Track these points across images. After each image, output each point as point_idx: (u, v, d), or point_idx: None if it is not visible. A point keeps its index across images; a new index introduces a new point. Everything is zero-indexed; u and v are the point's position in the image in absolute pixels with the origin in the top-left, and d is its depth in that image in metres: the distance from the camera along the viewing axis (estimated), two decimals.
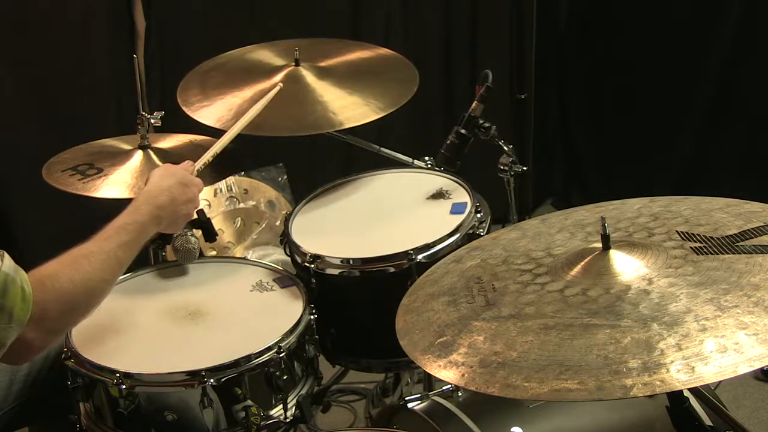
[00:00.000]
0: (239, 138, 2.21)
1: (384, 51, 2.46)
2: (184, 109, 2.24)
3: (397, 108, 2.21)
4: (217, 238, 2.11)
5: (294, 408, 1.84)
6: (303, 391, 1.88)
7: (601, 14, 3.61)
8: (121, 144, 2.20)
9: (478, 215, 2.04)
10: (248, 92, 2.24)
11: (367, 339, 2.05)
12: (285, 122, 2.17)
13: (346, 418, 2.72)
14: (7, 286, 1.41)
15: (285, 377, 1.80)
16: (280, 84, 2.17)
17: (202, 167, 1.95)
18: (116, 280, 1.66)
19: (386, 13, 3.43)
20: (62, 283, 1.52)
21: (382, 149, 2.38)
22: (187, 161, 1.91)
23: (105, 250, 1.61)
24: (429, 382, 2.28)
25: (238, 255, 2.56)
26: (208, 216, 2.00)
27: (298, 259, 2.03)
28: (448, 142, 2.22)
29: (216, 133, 2.19)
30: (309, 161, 3.38)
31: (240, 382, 1.74)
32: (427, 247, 1.94)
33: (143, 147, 2.14)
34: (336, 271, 1.97)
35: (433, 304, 1.37)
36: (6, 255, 1.44)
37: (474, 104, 2.20)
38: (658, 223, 1.40)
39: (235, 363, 1.74)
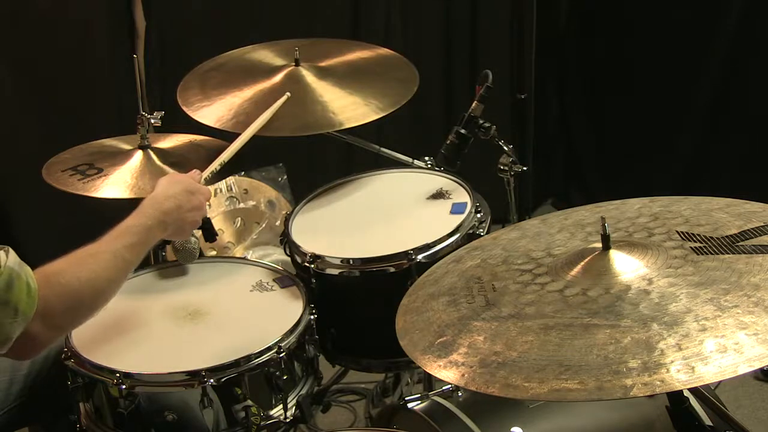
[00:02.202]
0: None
1: (384, 51, 2.46)
2: (184, 109, 2.24)
3: (397, 108, 2.21)
4: (217, 238, 2.11)
5: (294, 408, 1.84)
6: (303, 391, 1.88)
7: (601, 14, 3.61)
8: (121, 144, 2.20)
9: (478, 215, 2.04)
10: (248, 92, 2.24)
11: (367, 339, 2.05)
12: (285, 122, 2.17)
13: (346, 418, 2.72)
14: (12, 281, 1.41)
15: (285, 377, 1.80)
16: (288, 93, 2.17)
17: (210, 176, 1.94)
18: (122, 281, 1.65)
19: (386, 13, 3.43)
20: (68, 279, 1.52)
21: (382, 149, 2.38)
22: (194, 170, 1.91)
23: (111, 250, 1.61)
24: (429, 382, 2.28)
25: (238, 255, 2.56)
26: (208, 216, 2.00)
27: (298, 259, 2.03)
28: (448, 142, 2.22)
29: (216, 133, 2.19)
30: (309, 161, 3.39)
31: (240, 382, 1.74)
32: (427, 247, 1.94)
33: (143, 147, 2.14)
34: (336, 271, 1.97)
35: (433, 304, 1.36)
36: (11, 250, 1.45)
37: (474, 104, 2.20)
38: (658, 223, 1.40)
39: (235, 363, 1.74)
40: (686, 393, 1.37)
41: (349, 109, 2.19)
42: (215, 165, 1.97)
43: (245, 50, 2.46)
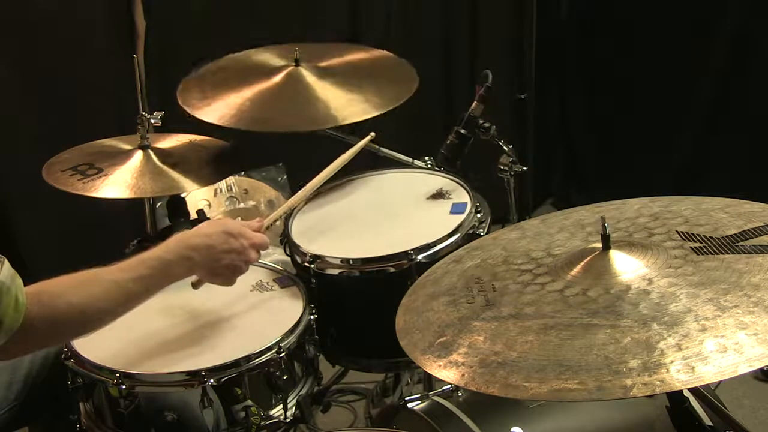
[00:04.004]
0: (239, 137, 2.21)
1: (382, 53, 2.47)
2: (184, 108, 2.24)
3: (397, 105, 2.21)
4: None
5: (294, 408, 1.84)
6: (303, 391, 1.88)
7: (602, 14, 3.61)
8: (121, 144, 2.20)
9: (478, 215, 2.04)
10: (248, 92, 2.24)
11: (367, 339, 2.05)
12: (285, 118, 2.17)
13: (346, 418, 2.72)
14: (2, 295, 1.38)
15: (285, 377, 1.80)
16: (373, 133, 2.14)
17: (272, 223, 1.92)
18: (120, 313, 1.58)
19: (386, 13, 3.43)
20: (58, 302, 1.48)
21: (382, 149, 2.38)
22: (258, 218, 1.89)
23: (115, 279, 1.55)
24: (429, 382, 2.28)
25: None
26: (208, 216, 2.00)
27: (298, 259, 2.03)
28: (448, 142, 2.22)
29: (216, 133, 2.18)
30: (309, 161, 3.37)
31: (240, 382, 1.74)
32: (427, 247, 1.94)
33: (143, 147, 2.14)
34: (336, 271, 1.97)
35: (433, 304, 1.37)
36: (6, 262, 1.41)
37: (474, 104, 2.20)
38: (658, 223, 1.40)
39: (235, 363, 1.74)
40: (686, 393, 1.37)
41: (349, 105, 2.19)
42: (279, 213, 1.96)
43: (245, 53, 2.46)
